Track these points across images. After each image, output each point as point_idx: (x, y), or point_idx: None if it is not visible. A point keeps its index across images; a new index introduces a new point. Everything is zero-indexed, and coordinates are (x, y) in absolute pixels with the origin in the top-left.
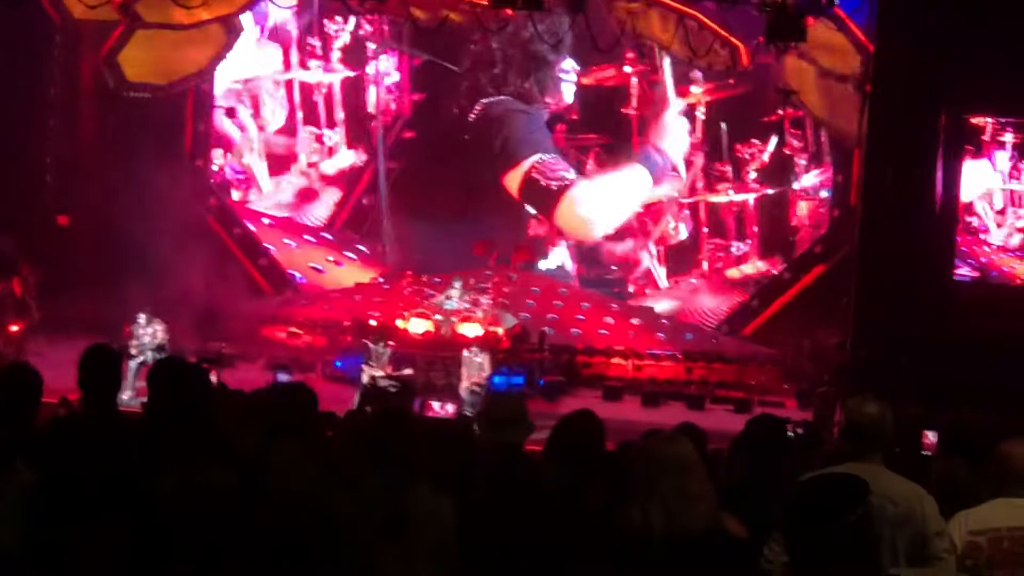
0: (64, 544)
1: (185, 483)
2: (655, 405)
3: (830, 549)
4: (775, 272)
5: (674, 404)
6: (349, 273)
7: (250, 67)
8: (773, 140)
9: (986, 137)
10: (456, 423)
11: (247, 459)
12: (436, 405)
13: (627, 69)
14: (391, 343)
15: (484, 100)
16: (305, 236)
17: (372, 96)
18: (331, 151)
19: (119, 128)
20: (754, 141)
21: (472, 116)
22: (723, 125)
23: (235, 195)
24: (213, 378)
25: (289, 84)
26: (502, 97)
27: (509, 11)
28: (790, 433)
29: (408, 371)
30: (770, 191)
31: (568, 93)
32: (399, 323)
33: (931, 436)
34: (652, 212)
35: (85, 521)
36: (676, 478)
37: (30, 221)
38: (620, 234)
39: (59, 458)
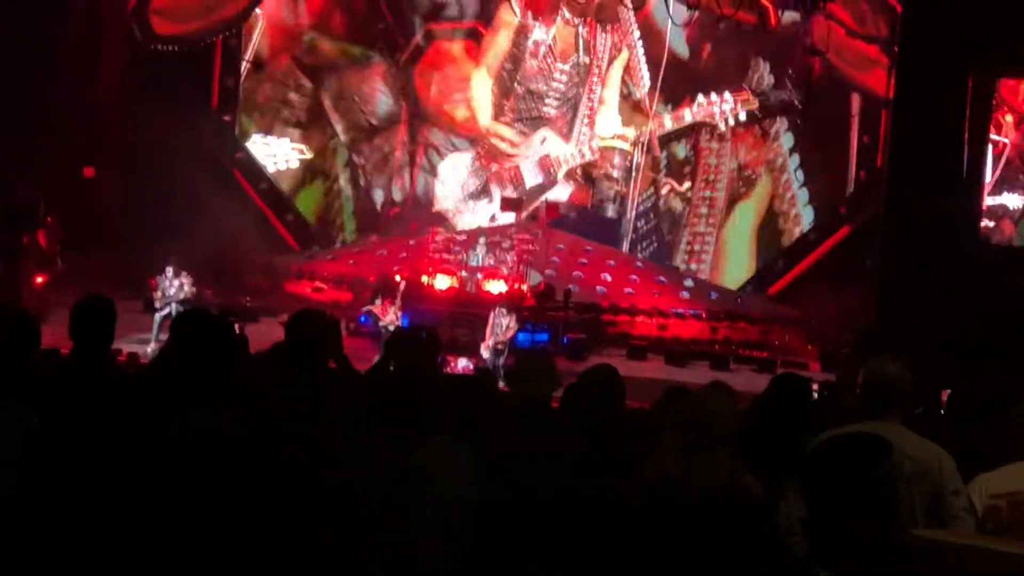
0: (67, 489)
1: (195, 432)
2: (679, 364)
3: (851, 506)
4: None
5: (698, 364)
6: None
7: None
8: None
9: None
10: (478, 376)
11: (264, 408)
12: (459, 362)
13: None
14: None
15: None
16: None
17: None
18: None
19: (146, 81)
20: None
21: None
22: None
23: None
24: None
25: None
26: None
27: None
28: (813, 393)
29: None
30: None
31: None
32: (424, 279)
33: None
34: None
35: (88, 467)
36: (706, 433)
37: (56, 173)
38: None
39: (49, 405)
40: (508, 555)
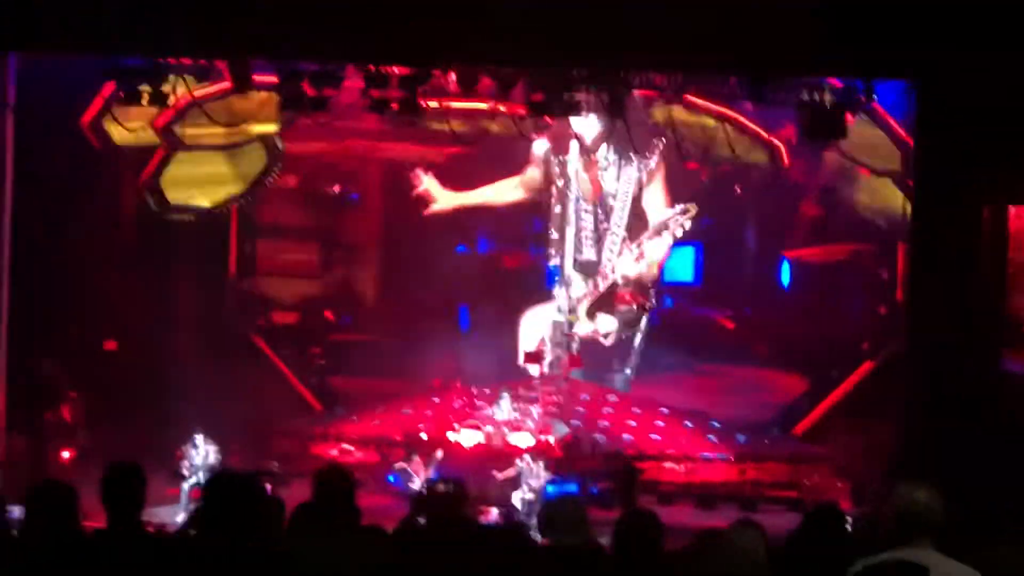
0: None
1: None
2: (709, 508)
3: None
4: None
5: (727, 507)
6: None
7: None
8: None
9: None
10: (512, 528)
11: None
12: (489, 513)
13: None
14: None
15: None
16: None
17: None
18: None
19: (162, 251)
20: None
21: None
22: None
23: None
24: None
25: None
26: None
27: (548, 119)
28: (847, 526)
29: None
30: None
31: None
32: (450, 436)
33: None
34: None
35: None
36: (744, 570)
37: (76, 347)
38: None
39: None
40: None
